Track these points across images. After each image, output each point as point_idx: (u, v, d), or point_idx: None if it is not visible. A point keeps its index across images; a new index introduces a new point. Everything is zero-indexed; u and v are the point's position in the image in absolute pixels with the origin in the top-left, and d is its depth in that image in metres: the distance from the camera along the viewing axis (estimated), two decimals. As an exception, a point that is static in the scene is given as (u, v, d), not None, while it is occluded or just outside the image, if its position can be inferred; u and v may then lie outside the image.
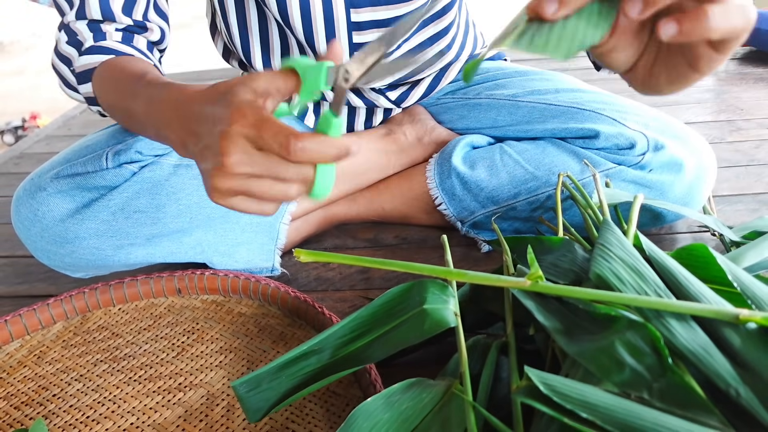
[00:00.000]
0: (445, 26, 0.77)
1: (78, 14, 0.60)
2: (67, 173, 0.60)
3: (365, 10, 0.67)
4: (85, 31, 0.60)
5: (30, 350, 0.61)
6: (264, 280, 0.64)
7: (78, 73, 0.59)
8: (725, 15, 0.30)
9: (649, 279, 0.42)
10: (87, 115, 1.30)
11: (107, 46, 0.58)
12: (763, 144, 0.94)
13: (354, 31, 0.68)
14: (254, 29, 0.72)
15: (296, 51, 0.73)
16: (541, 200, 0.68)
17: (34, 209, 0.60)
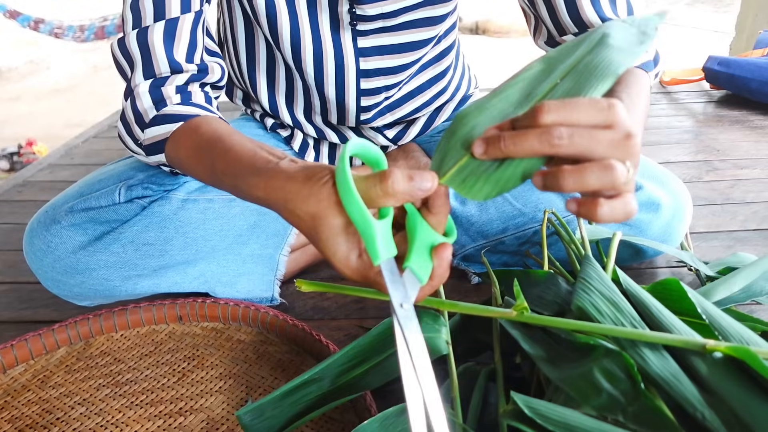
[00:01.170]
0: (443, 69, 0.82)
1: (145, 74, 0.60)
2: (81, 207, 0.63)
3: (373, 58, 0.72)
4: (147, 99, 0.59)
5: (34, 374, 0.63)
6: (263, 308, 0.67)
7: (146, 147, 0.59)
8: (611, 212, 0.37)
9: (626, 311, 0.45)
10: (89, 145, 1.33)
11: (171, 112, 0.57)
12: (738, 184, 0.99)
13: (362, 78, 0.73)
14: (262, 70, 0.76)
15: (301, 91, 0.77)
16: (528, 235, 0.72)
17: (48, 241, 0.62)
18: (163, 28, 0.60)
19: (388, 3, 0.66)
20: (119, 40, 0.61)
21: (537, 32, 0.72)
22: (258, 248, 0.71)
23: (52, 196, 1.06)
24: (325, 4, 0.67)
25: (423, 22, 0.71)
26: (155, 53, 0.59)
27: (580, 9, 0.63)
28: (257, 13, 0.68)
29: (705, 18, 5.77)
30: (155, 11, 0.60)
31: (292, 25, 0.68)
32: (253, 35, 0.75)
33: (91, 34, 4.66)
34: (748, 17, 1.84)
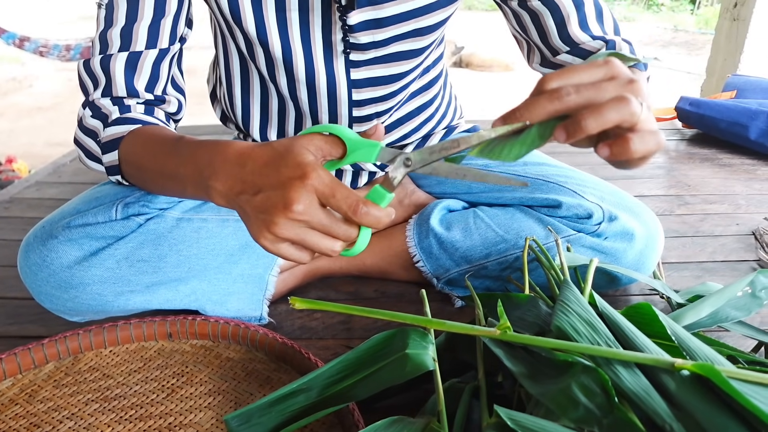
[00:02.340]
0: (430, 98, 0.87)
1: (104, 93, 0.65)
2: (78, 223, 0.64)
3: (365, 89, 0.75)
4: (109, 106, 0.65)
5: (21, 389, 0.63)
6: (252, 326, 0.68)
7: (104, 143, 0.63)
8: (643, 142, 0.41)
9: (601, 332, 0.48)
10: (77, 164, 1.34)
11: (133, 117, 0.64)
12: (707, 218, 1.04)
13: (354, 107, 0.76)
14: (256, 101, 0.80)
15: (293, 125, 0.80)
16: (510, 261, 0.75)
17: (44, 255, 0.64)
18: (125, 59, 0.65)
19: (379, 31, 0.70)
20: (85, 61, 0.67)
21: (531, 56, 0.77)
22: (248, 268, 0.73)
23: (40, 213, 1.08)
24: (318, 34, 0.70)
25: (411, 54, 0.75)
26: (115, 78, 0.65)
27: (570, 31, 0.69)
28: (253, 45, 0.72)
29: (678, 60, 6.01)
30: (121, 43, 0.65)
31: (287, 64, 0.72)
32: (248, 72, 0.78)
33: (76, 53, 4.65)
34: (717, 61, 1.94)
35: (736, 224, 1.01)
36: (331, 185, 0.44)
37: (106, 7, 0.65)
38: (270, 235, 0.45)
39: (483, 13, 8.90)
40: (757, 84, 1.47)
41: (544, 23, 0.71)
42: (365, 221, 0.44)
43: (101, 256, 0.64)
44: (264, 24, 0.69)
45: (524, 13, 0.72)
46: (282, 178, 0.44)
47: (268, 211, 0.44)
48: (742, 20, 1.79)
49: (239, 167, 0.47)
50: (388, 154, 0.48)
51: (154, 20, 0.66)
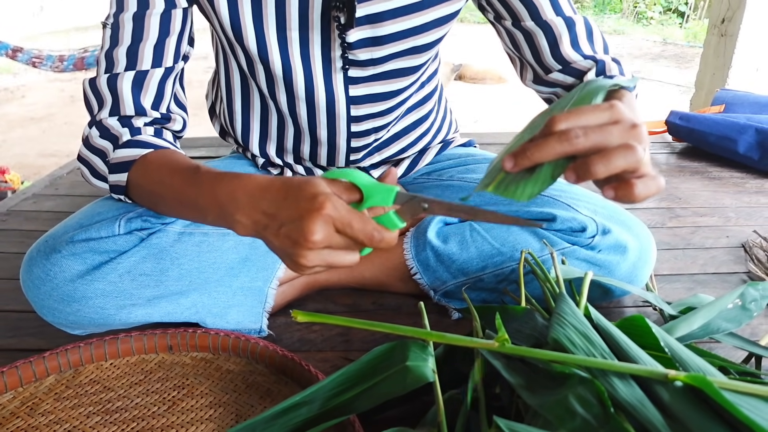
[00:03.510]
0: (426, 113, 0.88)
1: (111, 112, 0.66)
2: (81, 237, 0.65)
3: (363, 105, 0.77)
4: (118, 127, 0.66)
5: (23, 402, 0.63)
6: (252, 338, 0.69)
7: (113, 164, 0.64)
8: (645, 187, 0.45)
9: (597, 344, 0.50)
10: (73, 176, 1.35)
11: (144, 140, 0.64)
12: (698, 230, 1.06)
13: (352, 122, 0.78)
14: (256, 117, 0.81)
15: (292, 140, 0.82)
16: (506, 273, 0.77)
17: (47, 269, 0.64)
18: (132, 77, 0.66)
19: (377, 49, 0.72)
20: (91, 80, 0.68)
21: (524, 73, 0.79)
22: (248, 281, 0.74)
23: (38, 226, 1.08)
24: (317, 51, 0.72)
25: (408, 70, 0.77)
26: (122, 97, 0.66)
27: (562, 50, 0.72)
28: (253, 62, 0.73)
29: (668, 73, 6.09)
30: (128, 62, 0.67)
31: (287, 81, 0.73)
32: (248, 89, 0.80)
33: (70, 64, 4.65)
34: (706, 75, 1.98)
35: (726, 237, 1.03)
36: (346, 216, 0.47)
37: (111, 27, 0.67)
38: (301, 267, 0.49)
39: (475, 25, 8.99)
40: (745, 98, 1.50)
41: (537, 43, 0.73)
42: (379, 247, 0.49)
43: (104, 270, 0.65)
44: (265, 41, 0.70)
45: (518, 33, 0.75)
46: (300, 211, 0.46)
47: (292, 245, 0.47)
48: (730, 36, 1.82)
49: (261, 200, 0.50)
50: (405, 197, 0.51)
51: (159, 40, 0.67)
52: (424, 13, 0.70)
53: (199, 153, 1.50)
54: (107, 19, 0.68)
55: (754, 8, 1.76)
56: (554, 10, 0.72)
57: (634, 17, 11.11)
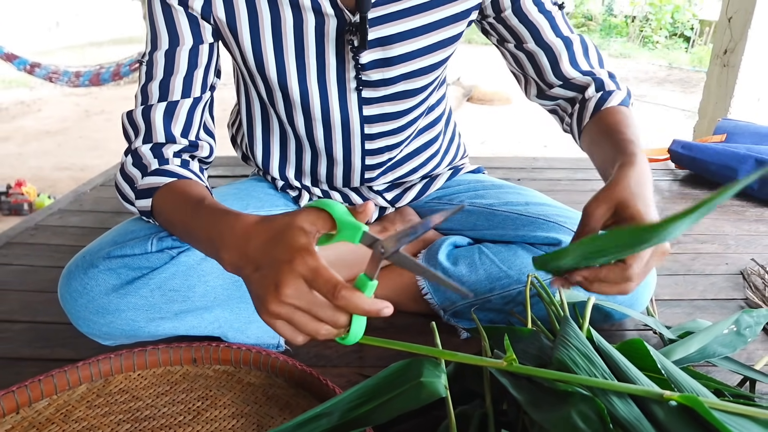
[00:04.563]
0: (434, 135, 0.94)
1: (144, 140, 0.72)
2: (117, 254, 0.70)
3: (376, 124, 0.82)
4: (149, 156, 0.71)
5: (57, 408, 0.68)
6: (273, 353, 0.73)
7: (140, 190, 0.68)
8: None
9: (598, 365, 0.54)
10: (97, 192, 1.40)
11: (170, 170, 0.69)
12: (699, 257, 1.10)
13: (366, 140, 0.84)
14: (275, 143, 0.87)
15: (309, 163, 0.87)
16: (513, 295, 0.80)
17: (84, 283, 0.69)
18: (164, 108, 0.72)
19: (388, 69, 0.77)
20: (128, 112, 0.74)
21: (528, 89, 0.86)
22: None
23: (64, 240, 1.13)
24: (333, 74, 0.77)
25: (416, 91, 0.82)
26: (155, 126, 0.72)
27: (562, 68, 0.79)
28: (273, 90, 0.79)
29: (673, 97, 6.15)
30: (160, 94, 0.73)
31: (304, 103, 0.79)
32: (268, 118, 0.85)
33: (86, 80, 4.76)
34: (709, 104, 2.03)
35: (725, 264, 1.07)
36: (314, 270, 0.46)
37: (146, 64, 0.73)
38: (265, 311, 0.48)
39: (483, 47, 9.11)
40: (746, 128, 1.55)
41: (539, 62, 0.81)
42: (344, 305, 0.46)
43: (136, 285, 0.70)
44: (284, 69, 0.76)
45: (521, 54, 0.82)
46: (276, 259, 0.48)
47: (263, 289, 0.48)
48: (732, 67, 1.88)
49: (244, 242, 0.52)
50: (369, 239, 0.50)
51: (188, 72, 0.73)
52: (430, 36, 0.76)
53: (217, 172, 1.55)
54: (143, 58, 0.74)
55: (756, 40, 1.81)
56: (554, 32, 0.79)
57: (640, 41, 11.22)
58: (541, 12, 0.78)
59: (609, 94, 0.77)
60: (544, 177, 1.58)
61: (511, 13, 0.78)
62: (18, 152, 3.98)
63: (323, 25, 0.73)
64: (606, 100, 0.76)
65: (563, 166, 1.66)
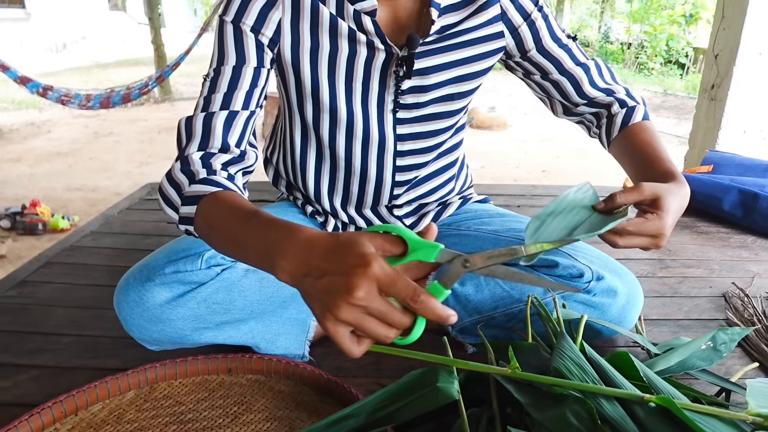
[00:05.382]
0: (454, 159, 1.04)
1: (199, 147, 0.75)
2: (170, 270, 0.79)
3: (408, 142, 0.93)
4: (198, 166, 0.73)
5: (110, 411, 0.76)
6: (300, 364, 0.82)
7: (186, 197, 0.70)
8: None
9: (589, 373, 0.62)
10: (124, 215, 1.49)
11: (217, 180, 0.71)
12: (685, 280, 1.19)
13: (398, 157, 0.94)
14: (311, 163, 0.96)
15: (342, 183, 0.96)
16: (515, 313, 0.89)
17: (141, 294, 0.78)
18: (225, 116, 0.78)
19: (422, 95, 0.89)
20: (187, 118, 0.78)
21: (555, 109, 1.01)
22: (295, 313, 0.87)
23: (98, 260, 1.22)
24: (374, 97, 0.88)
25: (445, 114, 0.93)
26: (214, 132, 0.76)
27: (584, 90, 0.95)
28: (320, 113, 0.88)
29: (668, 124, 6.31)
30: (222, 102, 0.78)
31: (349, 121, 0.89)
32: (307, 139, 0.94)
33: (96, 102, 4.87)
34: (698, 135, 2.14)
35: (709, 287, 1.16)
36: (392, 274, 0.47)
37: (210, 80, 0.80)
38: (331, 317, 0.48)
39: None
40: (732, 160, 1.65)
41: (564, 88, 0.95)
42: (422, 309, 0.48)
43: (186, 298, 0.79)
44: (335, 93, 0.86)
45: (547, 83, 0.97)
46: (346, 266, 0.47)
47: (331, 295, 0.47)
48: (719, 100, 1.99)
49: (307, 251, 0.51)
50: (447, 255, 0.52)
51: (249, 88, 0.80)
52: (461, 68, 0.89)
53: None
54: (208, 74, 0.81)
55: (740, 76, 1.93)
56: (573, 61, 0.94)
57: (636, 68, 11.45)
58: (560, 47, 0.93)
59: (632, 110, 0.92)
60: (541, 203, 1.68)
61: (535, 52, 0.92)
62: (30, 173, 4.08)
63: (372, 57, 0.85)
64: (631, 116, 0.92)
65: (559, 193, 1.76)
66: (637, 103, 0.94)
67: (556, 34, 0.93)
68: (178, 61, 4.85)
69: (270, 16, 0.81)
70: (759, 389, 0.60)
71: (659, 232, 0.72)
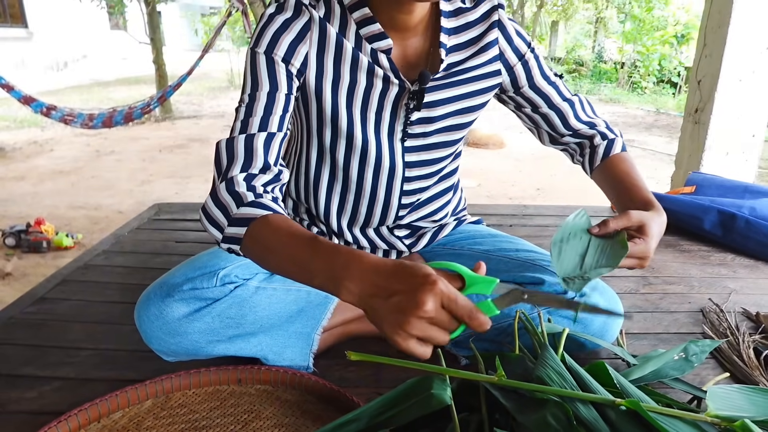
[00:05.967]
0: (451, 183, 1.11)
1: (242, 169, 0.80)
2: (188, 287, 0.86)
3: (415, 168, 1.01)
4: (244, 188, 0.77)
5: (130, 419, 0.82)
6: (306, 375, 0.88)
7: (235, 218, 0.74)
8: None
9: (567, 380, 0.69)
10: (134, 235, 1.56)
11: (266, 203, 0.75)
12: (666, 296, 1.26)
13: (405, 182, 1.01)
14: (323, 185, 1.03)
15: (351, 204, 1.03)
16: (504, 327, 0.96)
17: (161, 309, 0.85)
18: (264, 137, 0.84)
19: (428, 125, 0.98)
20: (228, 140, 0.83)
21: (542, 138, 1.12)
22: (301, 327, 0.94)
23: (111, 278, 1.29)
24: (386, 126, 0.97)
25: (448, 143, 1.02)
26: (256, 153, 0.82)
27: (570, 123, 1.06)
28: (338, 138, 0.96)
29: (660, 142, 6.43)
30: (260, 124, 0.84)
31: (363, 148, 0.97)
32: (323, 160, 1.01)
33: (99, 122, 4.95)
34: (684, 157, 2.23)
35: (688, 303, 1.23)
36: (454, 293, 0.57)
37: (246, 105, 0.86)
38: (403, 333, 0.56)
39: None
40: (713, 181, 1.73)
41: (552, 120, 1.06)
42: (474, 326, 0.58)
43: (202, 313, 0.86)
44: (353, 120, 0.94)
45: (536, 116, 1.07)
46: (414, 285, 0.56)
47: (401, 312, 0.55)
48: (702, 124, 2.08)
49: (374, 274, 0.59)
50: (503, 288, 0.62)
51: (282, 112, 0.87)
52: (464, 102, 0.98)
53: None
54: (242, 100, 0.87)
55: (722, 102, 2.02)
56: (560, 97, 1.05)
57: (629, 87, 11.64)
58: (549, 84, 1.04)
59: (612, 142, 1.04)
60: (533, 223, 1.75)
61: (527, 88, 1.03)
62: (34, 191, 4.15)
63: (387, 90, 0.93)
64: (611, 148, 1.04)
65: (550, 213, 1.84)
66: (616, 136, 1.05)
67: (545, 72, 1.03)
68: (180, 81, 4.96)
69: (299, 49, 0.88)
70: (718, 394, 0.66)
71: (645, 255, 0.85)
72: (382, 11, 0.88)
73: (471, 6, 0.96)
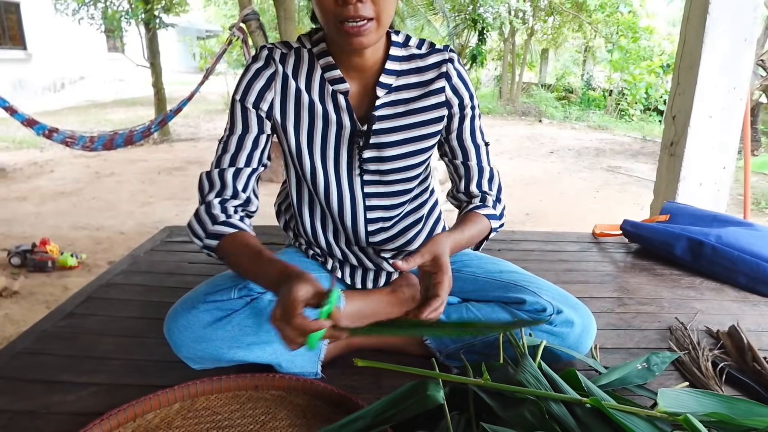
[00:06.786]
0: (422, 214, 1.23)
1: (217, 194, 1.01)
2: (211, 300, 0.98)
3: (374, 199, 1.13)
4: (218, 210, 0.99)
5: (161, 419, 0.93)
6: (316, 381, 1.00)
7: (211, 233, 0.97)
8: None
9: (543, 383, 0.82)
10: (149, 256, 1.68)
11: (233, 222, 0.98)
12: (638, 316, 1.39)
13: (367, 211, 1.13)
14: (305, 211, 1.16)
15: (331, 221, 1.16)
16: (491, 340, 1.08)
17: (188, 319, 0.97)
18: (233, 171, 1.04)
19: (382, 163, 1.09)
20: (207, 172, 1.04)
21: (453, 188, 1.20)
22: (311, 340, 1.06)
23: (132, 296, 1.40)
24: (344, 163, 1.09)
25: (404, 180, 1.13)
26: (227, 183, 1.02)
27: (471, 187, 1.14)
28: (305, 174, 1.09)
29: (646, 169, 6.63)
30: (230, 160, 1.04)
31: (325, 180, 1.09)
32: (302, 186, 1.15)
33: (100, 144, 5.04)
34: (661, 186, 2.38)
35: (658, 321, 1.36)
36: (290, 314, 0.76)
37: (223, 143, 1.05)
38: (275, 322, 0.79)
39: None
40: (686, 210, 1.88)
41: (460, 174, 1.15)
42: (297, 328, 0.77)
43: (223, 322, 0.98)
44: (314, 161, 1.07)
45: (451, 166, 1.17)
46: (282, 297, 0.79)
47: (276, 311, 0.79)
48: (678, 156, 2.24)
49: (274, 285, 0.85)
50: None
51: (251, 151, 1.05)
52: (410, 145, 1.09)
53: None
54: (222, 138, 1.06)
55: (695, 136, 2.18)
56: (476, 160, 1.14)
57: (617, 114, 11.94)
58: (473, 143, 1.13)
59: (483, 207, 1.10)
60: (520, 248, 1.89)
61: (454, 136, 1.13)
62: (36, 211, 4.24)
63: (341, 132, 1.06)
64: (479, 208, 1.10)
65: (536, 239, 1.98)
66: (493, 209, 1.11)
67: (475, 132, 1.14)
68: (181, 105, 5.10)
69: (265, 96, 1.05)
70: (668, 394, 0.79)
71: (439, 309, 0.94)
72: (341, 55, 1.03)
73: (425, 53, 1.08)
